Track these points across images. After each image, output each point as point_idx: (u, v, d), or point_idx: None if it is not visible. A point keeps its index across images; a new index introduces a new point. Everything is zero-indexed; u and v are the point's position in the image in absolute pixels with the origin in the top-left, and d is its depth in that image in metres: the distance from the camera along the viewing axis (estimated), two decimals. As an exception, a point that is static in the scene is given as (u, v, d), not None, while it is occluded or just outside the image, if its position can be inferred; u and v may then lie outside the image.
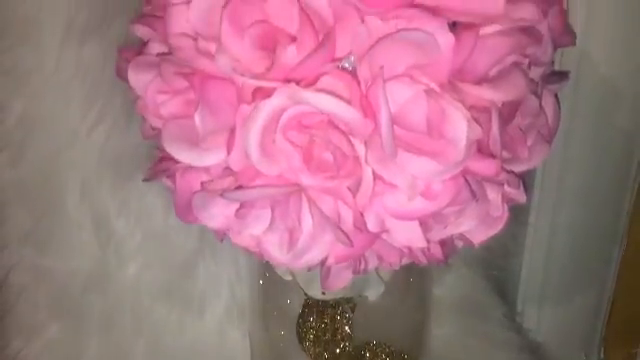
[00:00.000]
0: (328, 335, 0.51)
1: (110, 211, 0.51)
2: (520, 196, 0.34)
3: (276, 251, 0.30)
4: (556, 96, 0.37)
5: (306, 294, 0.44)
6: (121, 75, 0.33)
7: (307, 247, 0.30)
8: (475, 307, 0.61)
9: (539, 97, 0.32)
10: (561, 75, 0.36)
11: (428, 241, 0.30)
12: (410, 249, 0.31)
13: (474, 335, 0.59)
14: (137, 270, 0.53)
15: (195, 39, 0.28)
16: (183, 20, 0.28)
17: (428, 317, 0.55)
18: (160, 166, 0.33)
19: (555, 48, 0.33)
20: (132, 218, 0.52)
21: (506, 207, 0.34)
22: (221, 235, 0.33)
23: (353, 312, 0.47)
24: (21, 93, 0.48)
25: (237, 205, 0.29)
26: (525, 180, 0.36)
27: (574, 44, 0.35)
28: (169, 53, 0.29)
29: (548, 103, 0.35)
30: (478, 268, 0.60)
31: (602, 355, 0.66)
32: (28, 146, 0.50)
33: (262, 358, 0.53)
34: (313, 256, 0.30)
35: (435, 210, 0.28)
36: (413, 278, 0.50)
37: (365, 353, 0.52)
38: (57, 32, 0.47)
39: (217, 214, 0.31)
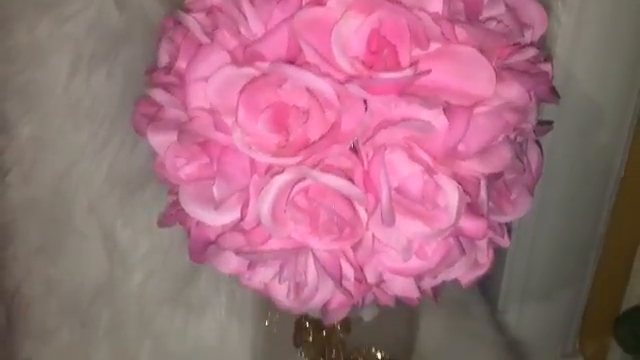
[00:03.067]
0: (323, 340, 0.54)
1: (117, 224, 0.54)
2: (504, 242, 0.37)
3: (283, 297, 0.34)
4: (538, 142, 0.40)
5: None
6: (139, 129, 0.36)
7: (311, 296, 0.33)
8: (458, 305, 0.64)
9: (524, 156, 0.35)
10: (545, 126, 0.39)
11: (420, 289, 0.34)
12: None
13: (457, 332, 0.62)
14: (142, 279, 0.55)
15: (212, 113, 0.30)
16: (201, 95, 0.30)
17: (416, 322, 0.59)
18: (174, 212, 0.36)
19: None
20: (138, 230, 0.54)
21: (492, 252, 0.37)
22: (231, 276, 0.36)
23: (349, 329, 0.51)
24: (32, 113, 0.50)
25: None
26: (508, 223, 0.39)
27: (558, 103, 0.38)
28: (187, 120, 0.32)
29: (532, 155, 0.38)
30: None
31: (577, 346, 0.71)
32: (38, 164, 0.51)
33: (262, 359, 0.57)
34: (316, 302, 0.33)
35: (428, 268, 0.31)
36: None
37: (358, 357, 0.56)
38: (66, 58, 0.48)
39: (230, 262, 0.34)
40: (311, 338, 0.53)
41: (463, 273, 0.35)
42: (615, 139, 0.59)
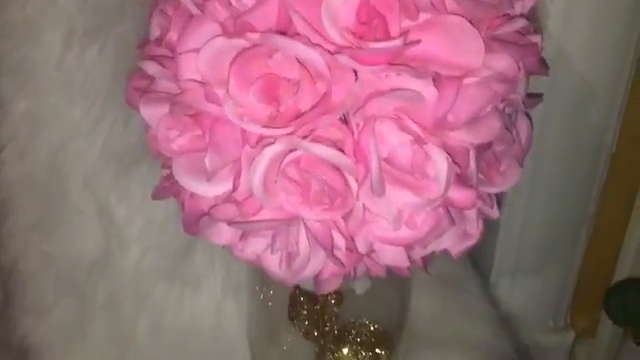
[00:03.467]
0: (317, 313, 0.55)
1: (112, 200, 0.54)
2: (493, 213, 0.37)
3: (275, 268, 0.34)
4: (528, 115, 0.40)
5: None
6: (131, 103, 0.36)
7: (303, 266, 0.33)
8: (451, 279, 0.65)
9: (513, 128, 0.35)
10: (534, 98, 0.39)
11: (410, 259, 0.34)
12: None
13: (450, 306, 0.63)
14: (138, 254, 0.56)
15: (203, 84, 0.31)
16: (192, 67, 0.31)
17: (408, 295, 0.59)
18: (168, 184, 0.37)
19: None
20: (133, 206, 0.54)
21: (481, 222, 0.38)
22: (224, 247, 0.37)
23: (342, 301, 0.51)
24: (26, 89, 0.50)
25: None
26: (498, 197, 0.39)
27: (548, 75, 0.38)
28: (179, 92, 0.32)
29: (522, 127, 0.38)
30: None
31: (568, 320, 0.72)
32: (34, 140, 0.52)
33: (257, 332, 0.57)
34: (308, 273, 0.34)
35: (418, 238, 0.32)
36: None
37: (351, 330, 0.56)
38: (58, 34, 0.48)
39: (223, 233, 0.35)
40: (305, 311, 0.54)
41: (453, 243, 0.36)
42: (606, 115, 0.59)
